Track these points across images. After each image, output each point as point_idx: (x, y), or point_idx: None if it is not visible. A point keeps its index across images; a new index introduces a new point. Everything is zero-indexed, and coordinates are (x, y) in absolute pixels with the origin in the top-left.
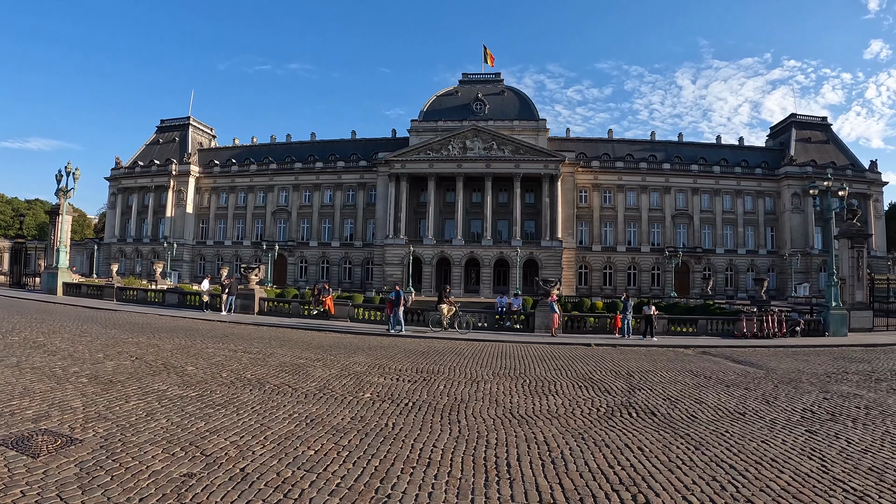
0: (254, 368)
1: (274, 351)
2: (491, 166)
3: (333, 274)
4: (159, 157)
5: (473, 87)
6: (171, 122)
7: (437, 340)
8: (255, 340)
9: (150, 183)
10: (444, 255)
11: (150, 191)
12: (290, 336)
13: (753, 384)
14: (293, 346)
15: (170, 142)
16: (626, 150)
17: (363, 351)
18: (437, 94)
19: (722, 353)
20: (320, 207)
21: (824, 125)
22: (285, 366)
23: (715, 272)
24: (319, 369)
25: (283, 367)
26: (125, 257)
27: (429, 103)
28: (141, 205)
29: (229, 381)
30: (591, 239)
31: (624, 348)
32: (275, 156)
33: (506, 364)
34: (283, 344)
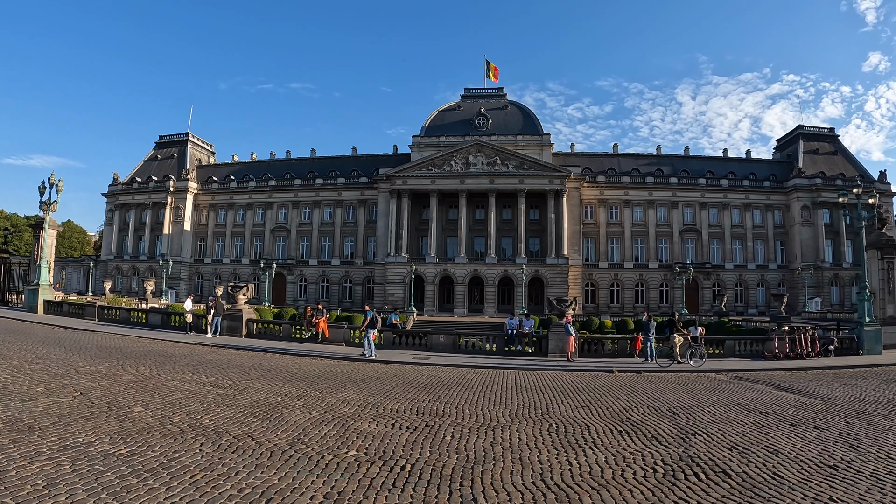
0: (217, 410)
1: (250, 384)
2: (494, 182)
3: (333, 293)
4: (157, 173)
5: (476, 101)
6: (169, 139)
7: (440, 368)
8: (232, 369)
9: (147, 199)
10: (446, 273)
11: (147, 207)
12: (274, 364)
13: (821, 420)
14: (274, 378)
15: (168, 158)
16: (631, 165)
17: (356, 384)
18: (439, 109)
19: (760, 379)
20: (320, 225)
21: (831, 136)
22: (257, 406)
23: (725, 288)
24: (298, 411)
25: (254, 409)
26: (122, 275)
27: (430, 118)
28: (138, 221)
29: (179, 429)
30: (598, 255)
31: (651, 375)
32: (274, 172)
33: (523, 400)
34: (264, 374)
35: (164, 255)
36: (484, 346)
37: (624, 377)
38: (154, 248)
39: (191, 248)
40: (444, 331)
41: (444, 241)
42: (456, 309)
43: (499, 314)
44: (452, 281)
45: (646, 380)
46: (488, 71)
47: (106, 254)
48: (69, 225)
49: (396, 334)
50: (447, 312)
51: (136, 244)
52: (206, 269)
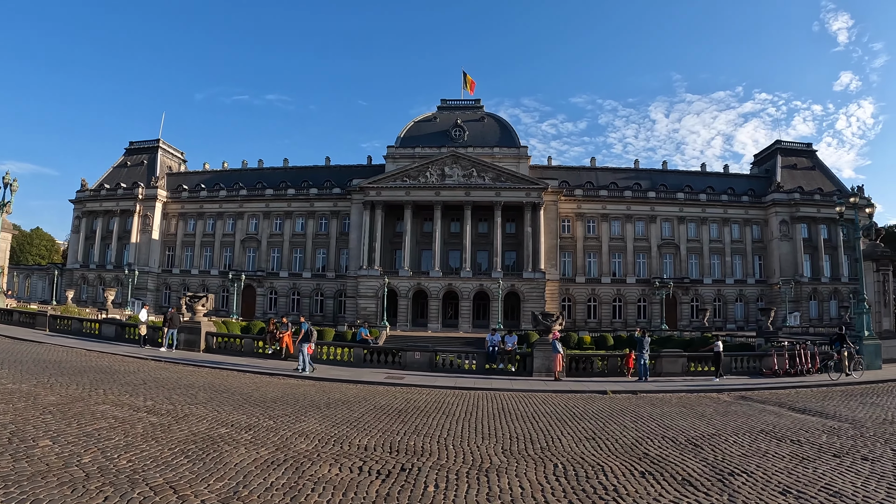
0: (142, 446)
1: (193, 410)
2: (471, 194)
3: (304, 306)
4: (126, 180)
5: (452, 113)
6: (139, 145)
7: (416, 390)
8: (178, 390)
9: (115, 207)
10: (420, 287)
11: (115, 215)
12: (229, 383)
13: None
14: (224, 402)
15: (138, 165)
16: (609, 179)
17: (318, 409)
18: (415, 120)
19: (767, 399)
20: (291, 236)
21: (809, 151)
22: (194, 441)
23: (704, 303)
24: (243, 448)
25: (189, 444)
26: (87, 284)
27: (406, 129)
28: (106, 229)
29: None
30: (575, 270)
31: (649, 396)
32: (245, 182)
33: (516, 431)
34: (214, 397)
35: (132, 264)
36: (463, 365)
37: (620, 399)
38: (121, 258)
39: (159, 257)
40: (419, 347)
41: (419, 255)
42: (430, 324)
43: (474, 329)
44: (426, 295)
45: (646, 402)
46: (465, 83)
47: (72, 262)
48: (38, 233)
49: (367, 351)
50: (421, 327)
51: (102, 253)
52: (174, 280)
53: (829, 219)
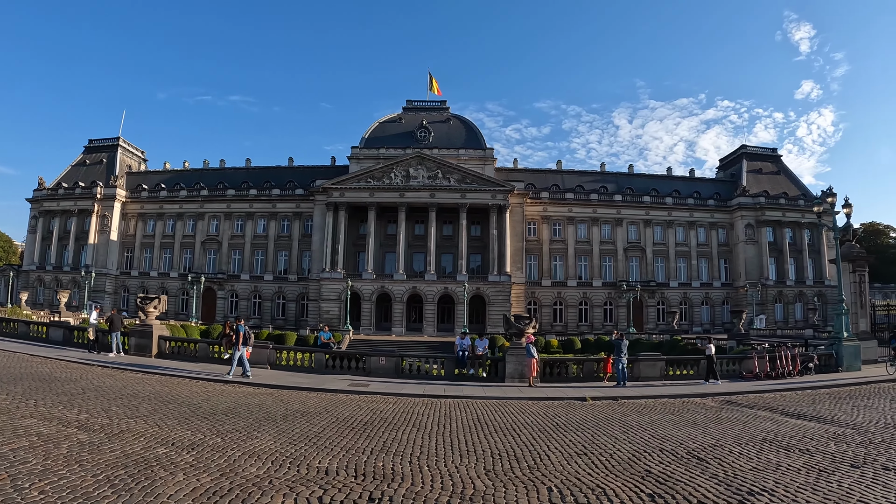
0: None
1: (132, 425)
2: (436, 196)
3: (266, 310)
4: (85, 179)
5: (418, 114)
6: (99, 143)
7: (382, 399)
8: (120, 401)
9: (73, 206)
10: (384, 290)
11: (73, 215)
12: (178, 392)
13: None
14: (169, 414)
15: (97, 163)
16: (575, 182)
17: (274, 423)
18: (380, 121)
19: (755, 403)
20: (253, 238)
21: (774, 156)
22: (124, 464)
23: (670, 306)
24: (181, 474)
25: (117, 469)
26: (44, 286)
27: (371, 130)
28: (63, 230)
29: None
30: (541, 273)
31: (631, 402)
32: (207, 181)
33: (496, 446)
34: (159, 408)
35: (89, 266)
36: (431, 370)
37: (602, 406)
38: (79, 259)
39: (117, 259)
40: (384, 352)
41: (383, 257)
42: (394, 327)
43: (438, 333)
44: (390, 298)
45: (631, 409)
46: (431, 84)
47: (28, 263)
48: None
49: (330, 356)
50: (385, 331)
51: (60, 254)
52: (133, 283)
53: (794, 223)
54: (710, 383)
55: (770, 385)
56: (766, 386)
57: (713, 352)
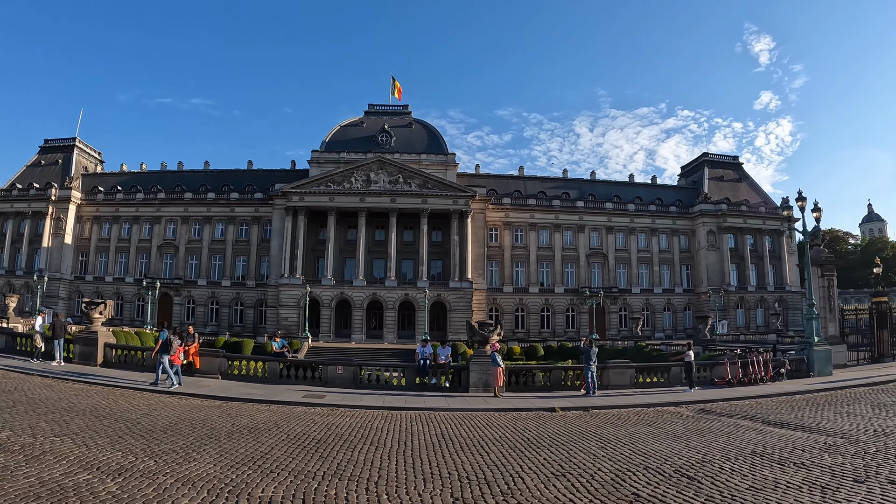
0: None
1: (56, 445)
2: (396, 201)
3: (224, 316)
4: (39, 180)
5: (380, 118)
6: (54, 143)
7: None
8: (51, 415)
9: (27, 208)
10: (344, 296)
11: (26, 217)
12: (117, 407)
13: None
14: (102, 431)
15: (52, 164)
16: (537, 188)
17: (218, 441)
18: (341, 125)
19: (732, 412)
20: (210, 242)
21: (735, 164)
22: (36, 495)
23: (632, 312)
24: None
25: (28, 501)
26: None
27: (332, 133)
28: (16, 232)
29: None
30: (503, 280)
31: (604, 413)
32: (164, 184)
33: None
34: (91, 425)
35: (42, 270)
36: (391, 380)
37: (573, 417)
38: (32, 263)
39: (71, 263)
40: (342, 361)
41: (343, 263)
42: (353, 335)
43: (399, 340)
44: (350, 305)
45: (605, 421)
46: (394, 88)
47: None
48: None
49: (284, 365)
50: (344, 338)
51: (12, 257)
52: (88, 288)
53: (755, 229)
54: (694, 391)
55: (744, 392)
56: (740, 393)
57: (692, 358)
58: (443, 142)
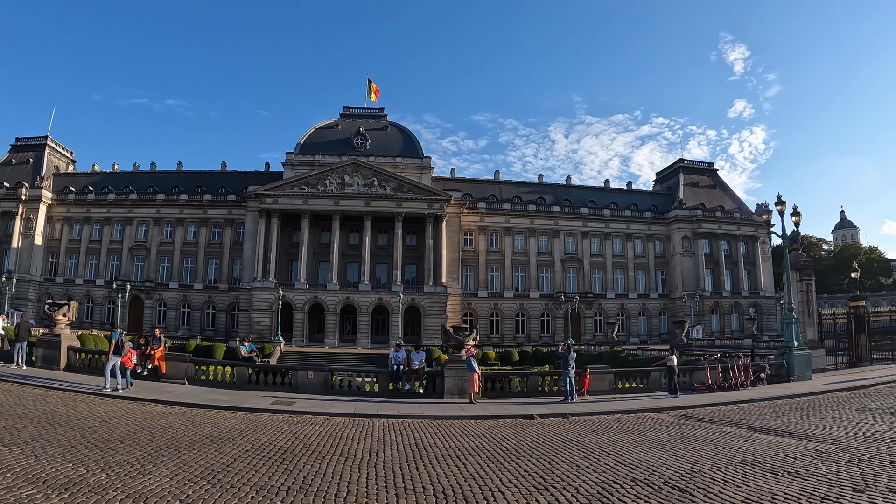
0: None
1: (2, 456)
2: (371, 204)
3: (195, 320)
4: (10, 179)
5: (355, 121)
6: (26, 142)
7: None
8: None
9: None
10: (317, 300)
11: None
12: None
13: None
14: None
15: (23, 163)
16: (513, 192)
17: (177, 452)
18: (316, 127)
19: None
20: (183, 245)
21: (711, 170)
22: None
23: (607, 317)
24: None
25: None
26: None
27: (306, 136)
28: None
29: None
30: (477, 284)
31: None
32: (136, 185)
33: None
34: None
35: (11, 272)
36: (363, 386)
37: (552, 425)
38: (1, 264)
39: (41, 265)
40: (313, 366)
41: (316, 267)
42: (327, 339)
43: (373, 345)
44: (323, 309)
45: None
46: (370, 90)
47: None
48: None
49: (253, 370)
50: (318, 343)
51: None
52: (58, 290)
53: (730, 235)
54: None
55: (726, 397)
56: (721, 398)
57: (675, 363)
58: (418, 145)
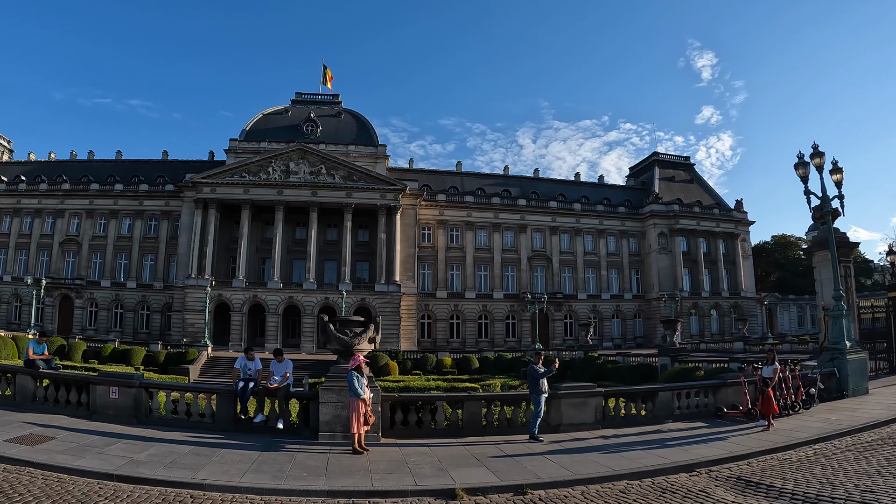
0: None
1: None
2: (318, 194)
3: (128, 322)
4: None
5: (307, 107)
6: None
7: None
8: None
9: None
10: (257, 300)
11: None
12: None
13: None
14: None
15: None
16: (476, 185)
17: None
18: (264, 113)
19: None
20: (116, 239)
21: (687, 164)
22: None
23: (578, 319)
24: None
25: None
26: None
27: (252, 122)
28: None
29: None
30: (436, 284)
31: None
32: (71, 174)
33: None
34: None
35: None
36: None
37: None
38: None
39: None
40: (119, 379)
41: (260, 264)
42: (268, 343)
43: (318, 350)
44: (265, 310)
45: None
46: (324, 77)
47: None
48: None
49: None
50: (258, 347)
51: None
52: None
53: (709, 232)
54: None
55: (785, 433)
56: (781, 437)
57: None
58: (373, 133)
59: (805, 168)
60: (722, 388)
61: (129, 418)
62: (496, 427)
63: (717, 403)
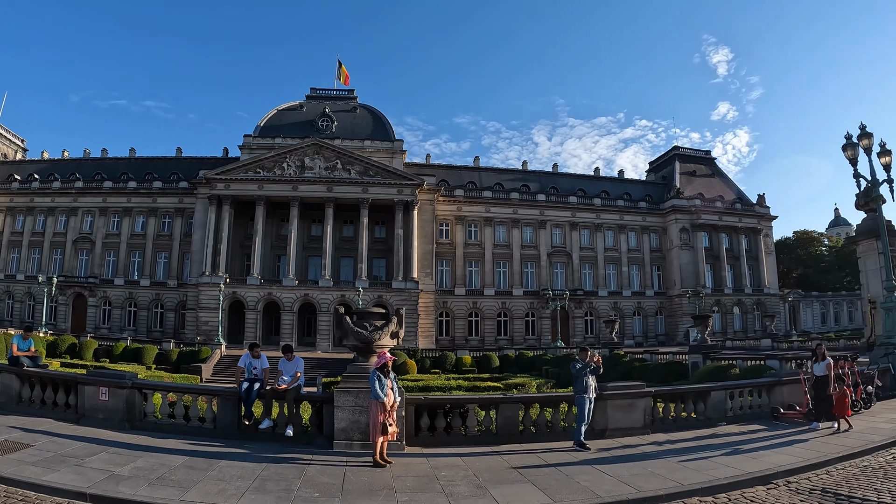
0: None
1: None
2: (333, 189)
3: (142, 320)
4: None
5: (322, 102)
6: None
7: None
8: None
9: None
10: (272, 298)
11: None
12: None
13: None
14: None
15: None
16: (494, 180)
17: None
18: (279, 108)
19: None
20: (130, 237)
21: (708, 158)
22: None
23: (598, 316)
24: None
25: None
26: None
27: (267, 117)
28: None
29: None
30: (454, 281)
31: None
32: (84, 172)
33: None
34: None
35: None
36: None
37: None
38: None
39: None
40: (110, 380)
41: (275, 261)
42: (283, 342)
43: (335, 349)
44: (279, 308)
45: None
46: (339, 72)
47: None
48: None
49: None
50: (273, 346)
51: None
52: None
53: (731, 227)
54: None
55: (860, 436)
56: (856, 440)
57: (827, 371)
58: (389, 128)
59: (854, 149)
60: (776, 387)
61: (121, 423)
62: (534, 433)
63: (773, 403)
